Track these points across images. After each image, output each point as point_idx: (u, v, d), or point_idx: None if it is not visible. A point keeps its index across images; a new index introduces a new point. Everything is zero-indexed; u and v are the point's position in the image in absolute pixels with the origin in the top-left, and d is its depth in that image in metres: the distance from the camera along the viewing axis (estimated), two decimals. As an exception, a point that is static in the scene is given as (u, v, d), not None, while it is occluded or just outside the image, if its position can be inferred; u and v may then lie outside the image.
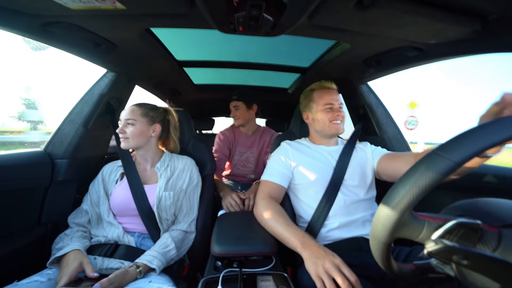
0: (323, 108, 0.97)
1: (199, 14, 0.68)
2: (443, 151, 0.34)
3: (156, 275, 0.76)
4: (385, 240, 0.37)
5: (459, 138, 0.34)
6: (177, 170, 0.97)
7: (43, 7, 0.63)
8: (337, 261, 0.62)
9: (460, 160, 0.32)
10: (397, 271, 0.44)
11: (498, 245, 0.33)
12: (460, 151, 0.33)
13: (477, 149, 0.32)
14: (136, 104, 0.96)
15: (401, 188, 0.35)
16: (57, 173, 0.99)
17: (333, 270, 0.59)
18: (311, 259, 0.64)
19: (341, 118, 0.96)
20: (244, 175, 1.67)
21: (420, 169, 0.34)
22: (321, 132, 1.01)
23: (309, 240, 0.70)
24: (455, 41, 0.73)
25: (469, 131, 0.35)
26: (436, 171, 0.33)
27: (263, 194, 0.90)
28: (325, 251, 0.65)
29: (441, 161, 0.33)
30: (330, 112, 0.96)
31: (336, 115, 0.95)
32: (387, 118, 1.28)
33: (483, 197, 0.41)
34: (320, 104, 0.98)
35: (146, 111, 0.95)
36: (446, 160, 0.33)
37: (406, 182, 0.35)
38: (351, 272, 0.59)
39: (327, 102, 0.97)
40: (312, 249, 0.66)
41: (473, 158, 0.32)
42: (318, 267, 0.61)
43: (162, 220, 0.90)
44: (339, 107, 0.98)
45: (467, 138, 0.34)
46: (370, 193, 0.95)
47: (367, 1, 0.58)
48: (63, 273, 0.67)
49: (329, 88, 1.00)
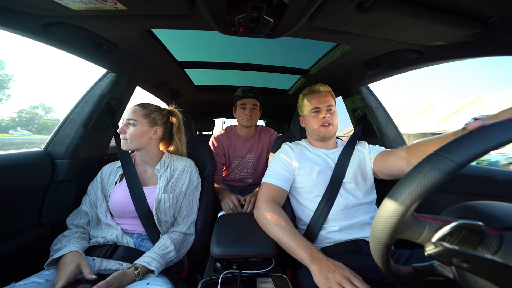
0: (311, 112, 0.99)
1: (200, 15, 0.68)
2: (446, 152, 0.34)
3: (155, 277, 0.75)
4: (385, 241, 0.37)
5: (463, 138, 0.34)
6: (177, 172, 0.97)
7: (45, 7, 0.63)
8: (347, 273, 0.62)
9: (463, 162, 0.32)
10: (396, 273, 0.44)
11: (499, 248, 0.33)
12: (464, 152, 0.32)
13: (482, 150, 0.31)
14: (139, 104, 0.95)
15: (403, 188, 0.35)
16: (57, 173, 0.99)
17: (344, 282, 0.59)
18: (321, 273, 0.63)
19: (328, 121, 0.95)
20: (241, 179, 1.61)
21: (424, 170, 0.34)
22: (313, 136, 1.02)
23: (317, 252, 0.69)
24: (455, 44, 0.73)
25: (473, 132, 0.34)
26: (440, 172, 0.32)
27: (266, 198, 0.88)
28: (334, 264, 0.65)
29: (443, 162, 0.33)
30: (317, 115, 0.97)
31: (322, 118, 0.95)
32: (387, 120, 1.28)
33: (484, 200, 0.41)
34: (308, 109, 1.00)
35: (149, 112, 0.93)
36: (449, 161, 0.32)
37: (409, 182, 0.34)
38: (362, 282, 0.60)
39: (313, 106, 0.98)
40: (321, 262, 0.66)
41: (478, 158, 0.32)
42: (329, 280, 0.61)
43: (161, 222, 0.90)
44: (327, 109, 0.97)
45: (471, 139, 0.33)
46: (370, 196, 0.94)
47: (367, 3, 0.58)
48: (61, 274, 0.67)
49: (318, 92, 1.00)
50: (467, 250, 0.33)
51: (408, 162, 0.77)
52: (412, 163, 0.75)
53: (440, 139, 0.66)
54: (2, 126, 40.31)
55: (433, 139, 0.69)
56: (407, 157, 0.78)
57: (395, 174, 0.85)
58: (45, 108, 49.91)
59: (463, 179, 1.04)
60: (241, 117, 1.45)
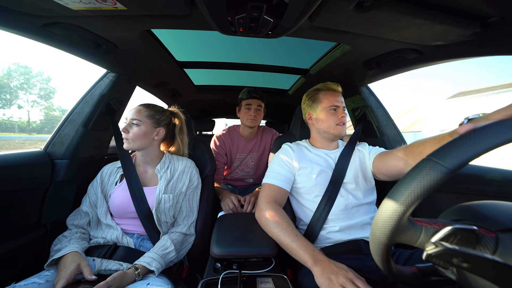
0: (329, 109, 0.97)
1: (200, 15, 0.68)
2: (437, 158, 0.34)
3: (155, 277, 0.75)
4: (384, 243, 0.37)
5: (453, 143, 0.34)
6: (177, 172, 0.97)
7: (44, 7, 0.63)
8: (351, 275, 0.62)
9: (454, 167, 0.32)
10: (396, 273, 0.44)
11: (495, 250, 0.33)
12: (455, 157, 0.32)
13: (472, 154, 0.32)
14: (143, 105, 0.94)
15: (398, 194, 0.35)
16: (57, 173, 0.99)
17: (348, 284, 0.59)
18: (324, 275, 0.62)
19: (343, 121, 0.97)
20: (242, 179, 1.61)
21: (417, 176, 0.34)
22: (324, 134, 1.00)
23: (319, 254, 0.69)
24: (455, 43, 0.73)
25: (464, 136, 0.34)
26: (432, 178, 0.33)
27: (268, 198, 0.88)
28: (337, 266, 0.64)
29: (435, 168, 0.33)
30: (335, 114, 0.96)
31: (341, 117, 0.96)
32: (387, 120, 1.28)
33: (482, 200, 0.41)
34: (326, 105, 0.97)
35: (153, 113, 0.93)
36: (440, 167, 0.33)
37: (404, 188, 0.35)
38: (365, 284, 0.59)
39: (332, 103, 0.96)
40: (323, 264, 0.65)
41: (469, 163, 0.32)
42: (332, 282, 0.60)
43: (161, 222, 0.90)
44: (343, 109, 0.98)
45: (462, 143, 0.33)
46: (370, 196, 0.94)
47: (367, 3, 0.58)
48: (61, 275, 0.67)
49: (335, 90, 1.00)
50: (467, 249, 0.33)
51: (406, 163, 0.77)
52: (410, 163, 0.75)
53: (437, 139, 0.66)
54: (39, 128, 43.17)
55: (430, 139, 0.69)
56: (405, 158, 0.78)
57: (394, 174, 0.85)
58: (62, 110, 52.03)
59: (463, 178, 1.04)
60: (246, 117, 1.45)
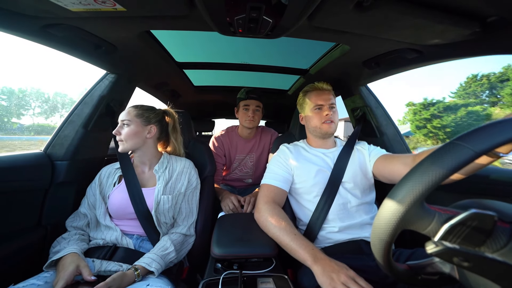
0: (313, 109, 0.99)
1: (199, 16, 0.68)
2: (463, 141, 0.33)
3: (155, 278, 0.75)
4: (393, 226, 0.36)
5: (481, 129, 0.34)
6: (176, 173, 0.97)
7: (44, 9, 0.63)
8: (352, 274, 0.61)
9: (481, 150, 0.31)
10: (395, 270, 0.43)
11: (508, 241, 0.32)
12: (482, 140, 0.32)
13: (500, 140, 0.31)
14: (132, 106, 0.96)
15: (418, 175, 0.34)
16: (57, 175, 0.99)
17: (350, 282, 0.59)
18: (325, 274, 0.62)
19: (331, 118, 0.97)
20: (241, 179, 1.60)
21: (440, 157, 0.33)
22: (313, 132, 1.02)
23: (319, 253, 0.68)
24: (454, 43, 0.73)
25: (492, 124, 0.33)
26: (455, 160, 0.32)
27: (266, 198, 0.88)
28: (338, 264, 0.64)
29: (460, 150, 0.32)
30: (320, 112, 0.98)
31: (325, 115, 0.96)
32: (387, 119, 1.28)
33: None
34: (311, 105, 1.00)
35: (141, 112, 0.94)
36: (466, 149, 0.32)
37: (424, 169, 0.34)
38: (367, 283, 0.59)
39: (316, 102, 0.98)
40: (324, 263, 0.65)
41: (495, 148, 0.31)
42: (334, 281, 0.60)
43: (161, 223, 0.90)
44: (330, 107, 0.98)
45: (489, 129, 0.33)
46: (370, 195, 0.94)
47: (366, 3, 0.58)
48: (60, 276, 0.67)
49: (321, 89, 1.01)
50: (467, 249, 0.33)
51: None
52: None
53: None
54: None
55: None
56: (413, 165, 0.77)
57: (395, 179, 0.84)
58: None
59: (463, 178, 1.04)
60: (244, 118, 1.44)
